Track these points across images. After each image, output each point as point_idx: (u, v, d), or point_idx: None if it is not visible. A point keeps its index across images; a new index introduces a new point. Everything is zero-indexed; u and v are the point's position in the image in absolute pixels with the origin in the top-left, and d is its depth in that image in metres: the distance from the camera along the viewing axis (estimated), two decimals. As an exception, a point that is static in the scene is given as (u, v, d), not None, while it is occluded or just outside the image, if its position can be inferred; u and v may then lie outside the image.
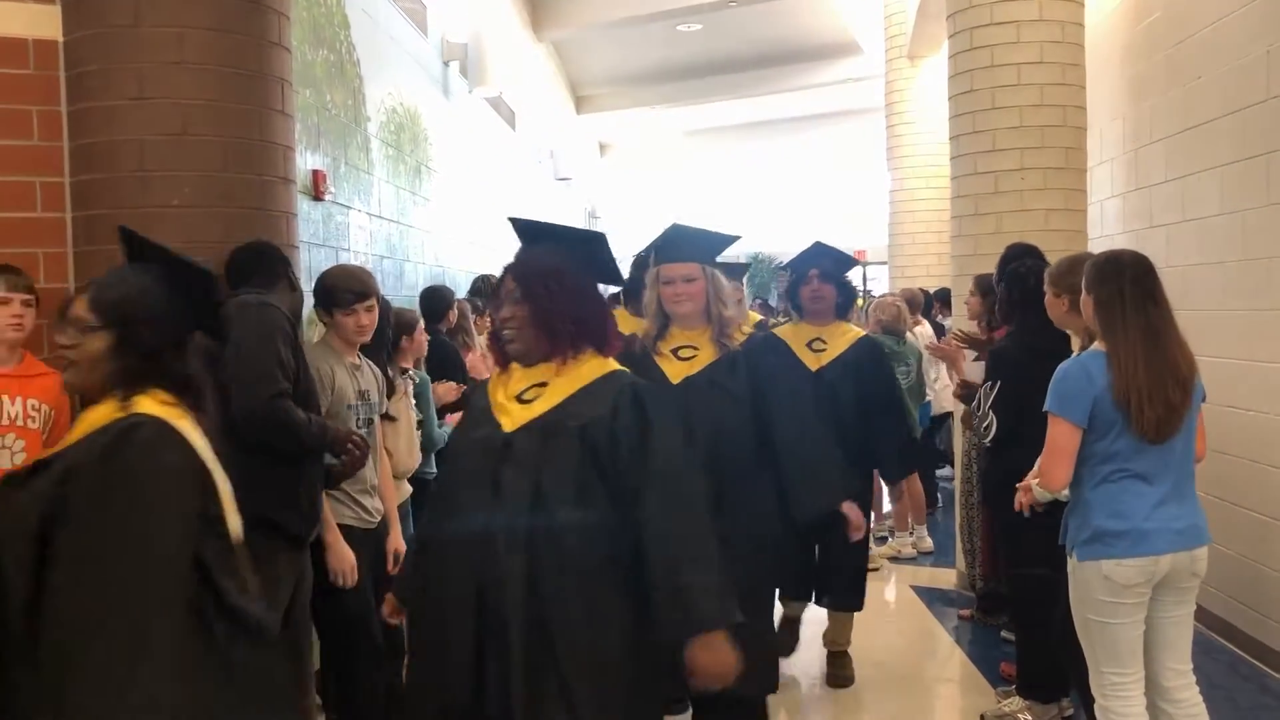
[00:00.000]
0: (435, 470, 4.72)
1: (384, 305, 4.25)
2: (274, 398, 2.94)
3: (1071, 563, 3.08)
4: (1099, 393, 2.94)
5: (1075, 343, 3.55)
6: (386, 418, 4.02)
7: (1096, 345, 3.33)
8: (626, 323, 3.85)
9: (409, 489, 4.39)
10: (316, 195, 5.56)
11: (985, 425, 3.93)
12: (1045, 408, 3.03)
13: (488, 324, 6.64)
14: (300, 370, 3.09)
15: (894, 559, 6.75)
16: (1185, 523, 3.01)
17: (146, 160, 3.36)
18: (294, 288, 3.35)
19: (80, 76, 3.43)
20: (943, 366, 7.41)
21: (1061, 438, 2.99)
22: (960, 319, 5.88)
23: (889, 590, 6.23)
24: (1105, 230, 6.48)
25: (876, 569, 6.50)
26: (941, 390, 7.51)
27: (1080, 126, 5.58)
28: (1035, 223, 5.42)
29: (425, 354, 4.95)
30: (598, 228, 20.87)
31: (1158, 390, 2.90)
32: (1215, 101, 5.11)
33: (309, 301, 3.67)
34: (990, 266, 5.27)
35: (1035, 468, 3.59)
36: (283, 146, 3.66)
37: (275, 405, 2.94)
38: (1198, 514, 3.06)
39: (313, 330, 3.77)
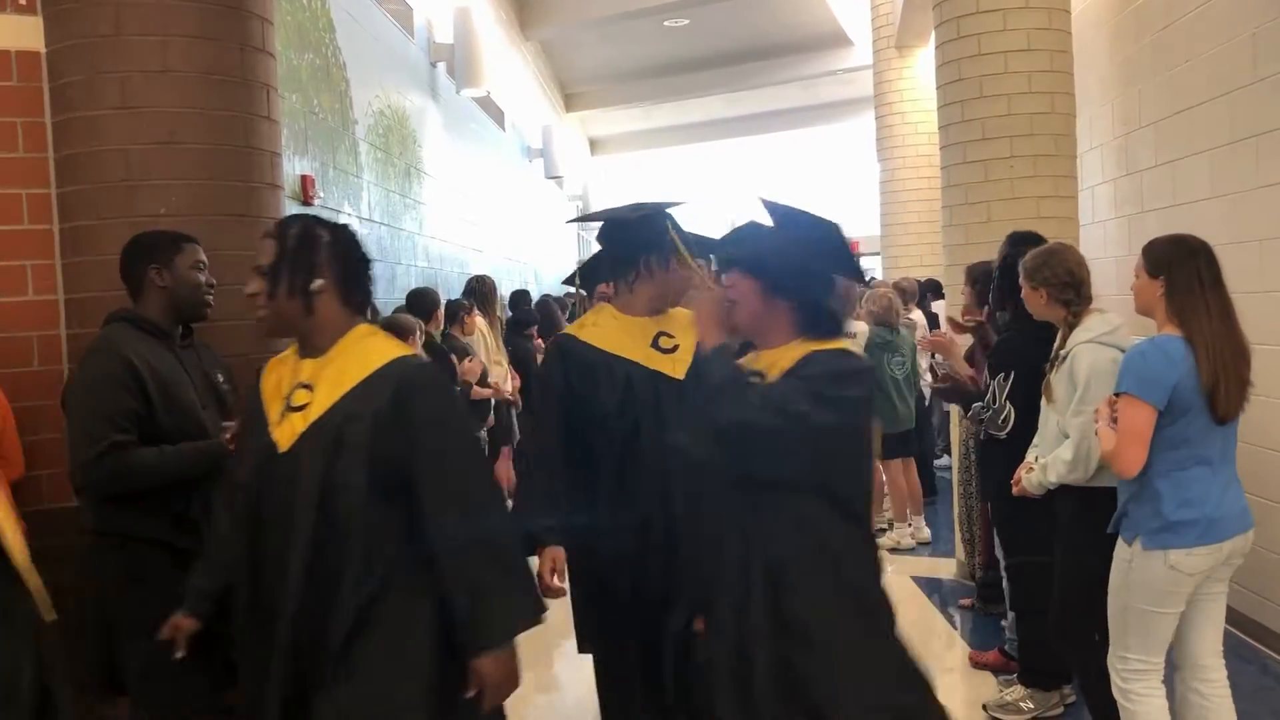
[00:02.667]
0: None
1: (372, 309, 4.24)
2: (96, 459, 2.78)
3: (1131, 550, 3.00)
4: (1180, 377, 2.89)
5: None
6: None
7: (1087, 328, 3.33)
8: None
9: None
10: (305, 200, 5.56)
11: (1002, 418, 3.89)
12: (1121, 389, 2.95)
13: (478, 322, 6.67)
14: (164, 399, 2.86)
15: (894, 550, 6.75)
16: (1241, 504, 3.03)
17: (132, 169, 3.34)
18: (165, 287, 3.02)
19: (64, 87, 3.42)
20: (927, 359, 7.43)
21: (1140, 421, 2.91)
22: (954, 308, 5.87)
23: (889, 581, 6.22)
24: (1097, 216, 6.48)
25: None
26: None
27: (1069, 113, 5.57)
28: (1026, 210, 5.42)
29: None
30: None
31: (1235, 370, 2.91)
32: (1203, 85, 5.11)
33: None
34: (983, 255, 5.27)
35: (1028, 456, 3.60)
36: (269, 152, 3.64)
37: (100, 466, 2.78)
38: (1244, 495, 3.08)
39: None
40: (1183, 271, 2.96)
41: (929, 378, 7.52)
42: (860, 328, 6.62)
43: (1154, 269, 3.02)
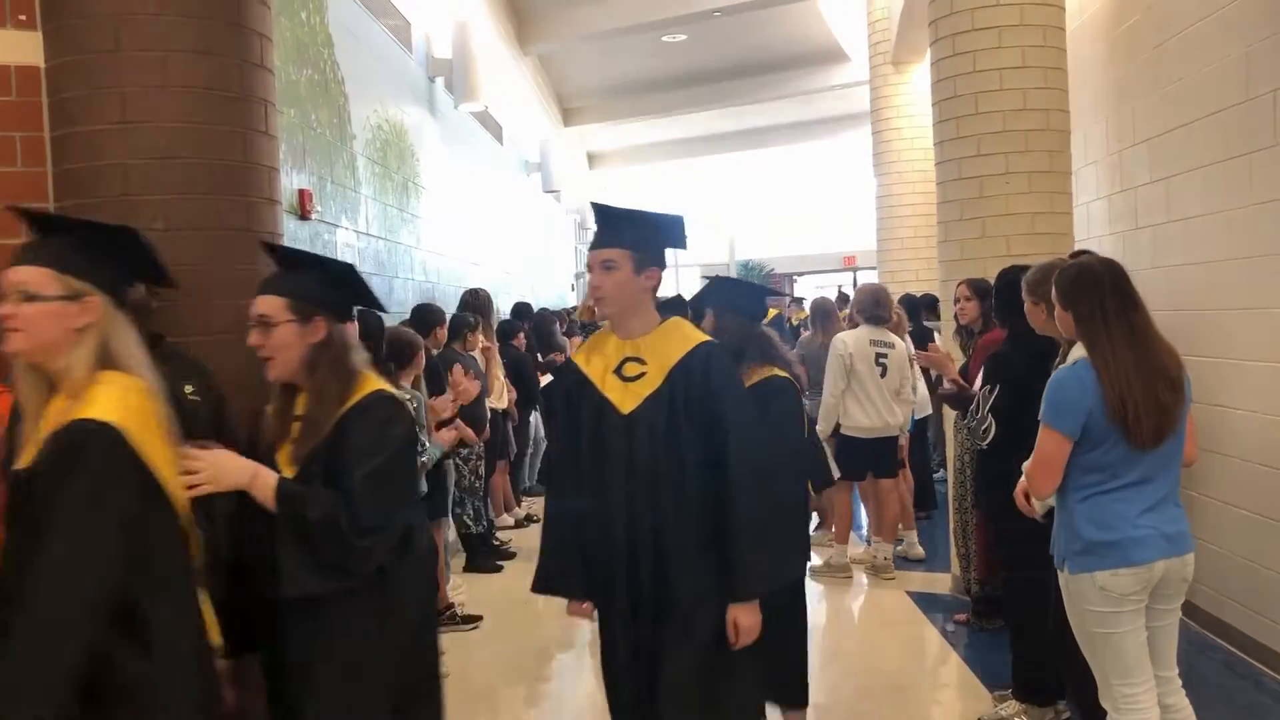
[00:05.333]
0: (424, 488, 4.70)
1: (375, 322, 4.25)
2: None
3: (1064, 576, 3.04)
4: (1094, 405, 2.90)
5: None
6: None
7: (1080, 352, 3.34)
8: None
9: None
10: (303, 214, 5.57)
11: (984, 429, 3.93)
12: (1039, 416, 3.00)
13: (479, 340, 6.69)
14: None
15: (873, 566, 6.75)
16: (1175, 528, 2.98)
17: (130, 184, 3.35)
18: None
19: (63, 102, 3.43)
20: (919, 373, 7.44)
21: (1052, 448, 2.96)
22: (949, 324, 5.89)
23: (884, 597, 6.23)
24: (1091, 232, 6.51)
25: (893, 578, 6.50)
26: (922, 398, 7.53)
27: (1064, 130, 5.61)
28: (1021, 226, 5.45)
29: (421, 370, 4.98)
30: (587, 239, 20.90)
31: (1150, 396, 2.87)
32: (1197, 103, 5.14)
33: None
34: (978, 270, 5.31)
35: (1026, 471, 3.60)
36: (267, 167, 3.65)
37: None
38: (1184, 519, 3.04)
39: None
40: (1084, 303, 2.97)
41: (917, 394, 7.54)
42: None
43: (1062, 301, 3.05)
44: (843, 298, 14.54)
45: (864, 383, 6.38)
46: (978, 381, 4.26)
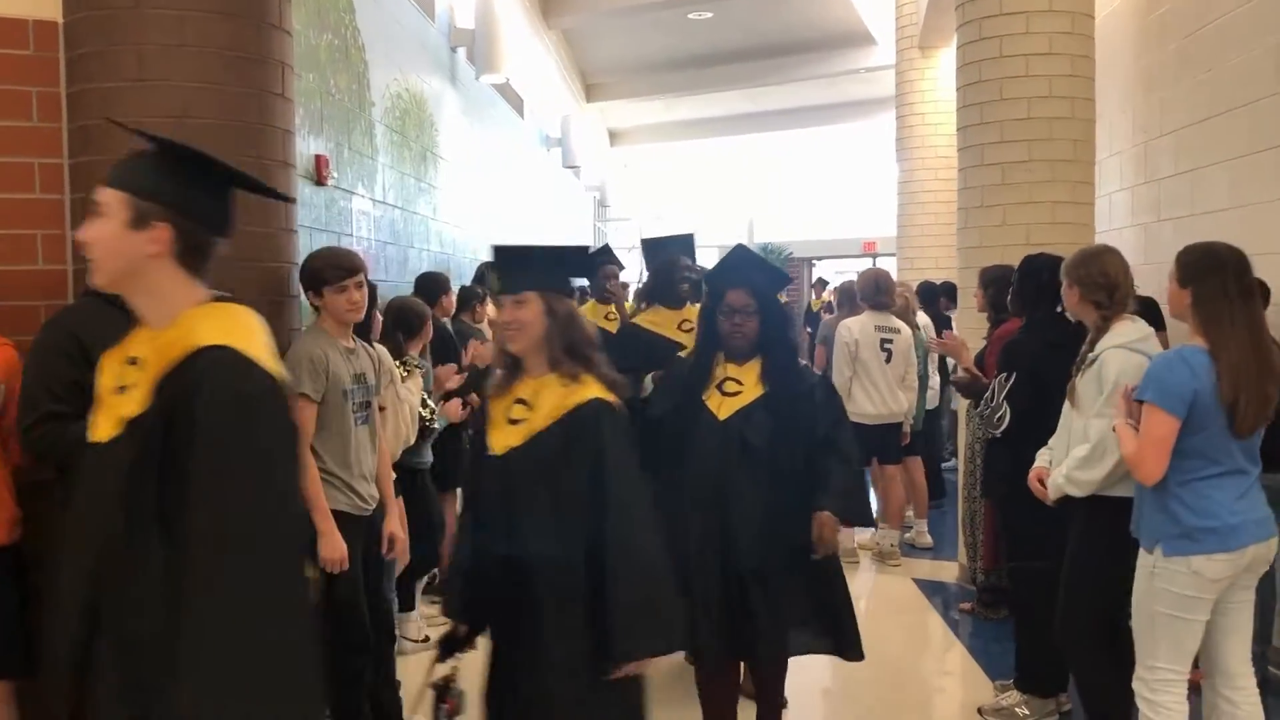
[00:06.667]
0: (430, 460, 4.69)
1: (370, 287, 4.24)
2: (30, 427, 2.83)
3: (1151, 558, 3.04)
4: (1201, 388, 2.90)
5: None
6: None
7: (1118, 333, 3.30)
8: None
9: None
10: (319, 180, 5.55)
11: (998, 416, 3.91)
12: (1143, 398, 2.98)
13: (488, 312, 6.67)
14: None
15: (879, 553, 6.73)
16: (1262, 513, 3.03)
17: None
18: None
19: (80, 58, 3.42)
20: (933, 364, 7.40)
21: (1161, 429, 2.94)
22: (968, 311, 5.85)
23: (890, 583, 6.21)
24: (1113, 223, 6.44)
25: (899, 564, 6.48)
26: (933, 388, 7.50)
27: (1089, 118, 5.54)
28: (1042, 215, 5.39)
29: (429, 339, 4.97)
30: (606, 216, 20.87)
31: (1261, 386, 2.91)
32: (1225, 95, 5.07)
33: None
34: (996, 258, 5.26)
35: (1039, 459, 3.58)
36: (282, 130, 3.63)
37: (32, 436, 2.84)
38: (1266, 504, 3.08)
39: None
40: (1208, 284, 2.97)
41: (936, 380, 7.51)
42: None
43: (1183, 279, 3.03)
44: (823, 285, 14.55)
45: (869, 369, 6.35)
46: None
